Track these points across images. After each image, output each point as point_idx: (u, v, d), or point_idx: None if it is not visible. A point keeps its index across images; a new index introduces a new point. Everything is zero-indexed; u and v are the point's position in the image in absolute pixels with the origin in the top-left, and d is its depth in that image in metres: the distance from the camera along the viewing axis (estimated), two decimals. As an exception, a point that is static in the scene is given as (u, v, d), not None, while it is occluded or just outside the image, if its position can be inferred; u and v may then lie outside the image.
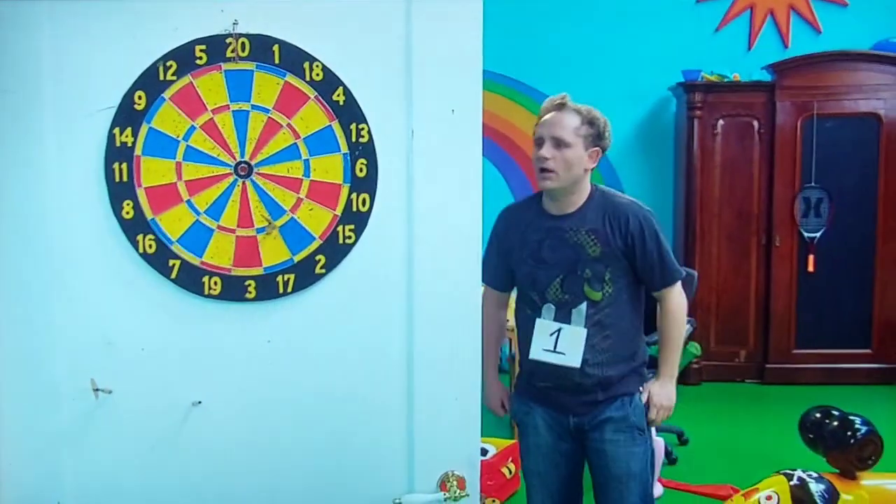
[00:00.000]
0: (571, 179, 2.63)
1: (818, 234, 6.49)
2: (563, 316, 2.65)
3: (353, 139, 1.85)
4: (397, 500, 1.87)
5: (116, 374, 1.86)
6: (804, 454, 3.16)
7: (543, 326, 2.66)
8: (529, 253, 2.69)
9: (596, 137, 2.65)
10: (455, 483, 1.89)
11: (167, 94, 1.82)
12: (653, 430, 4.64)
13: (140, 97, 1.81)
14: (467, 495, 1.88)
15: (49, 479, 1.88)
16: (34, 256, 1.82)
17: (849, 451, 3.27)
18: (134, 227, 1.84)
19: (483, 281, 2.98)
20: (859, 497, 3.23)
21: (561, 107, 2.61)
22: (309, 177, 1.86)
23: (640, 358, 2.89)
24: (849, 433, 3.39)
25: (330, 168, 1.85)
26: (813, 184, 6.46)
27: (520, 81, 7.13)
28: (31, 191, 1.81)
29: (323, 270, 1.88)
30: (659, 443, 4.61)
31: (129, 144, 1.82)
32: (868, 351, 6.53)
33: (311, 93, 1.84)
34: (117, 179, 1.82)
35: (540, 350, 2.65)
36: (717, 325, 6.67)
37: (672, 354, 2.89)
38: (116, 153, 1.82)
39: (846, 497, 3.30)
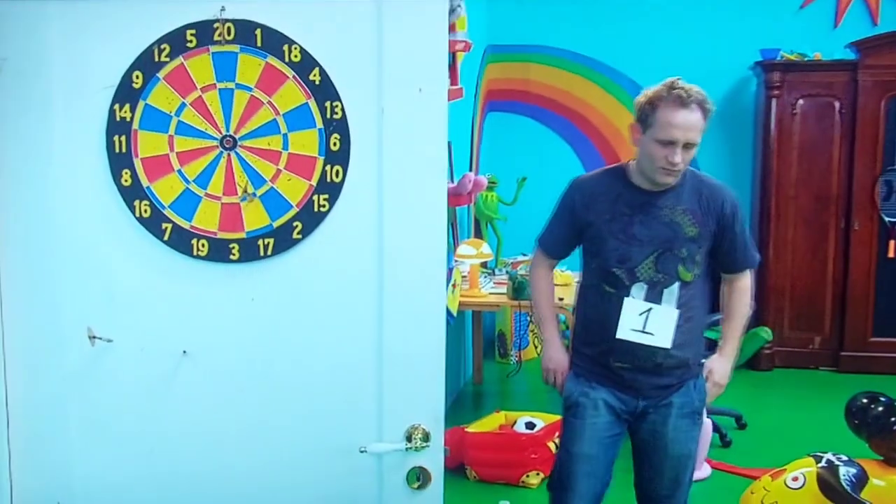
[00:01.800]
0: None
1: (901, 219, 6.31)
2: (655, 296, 2.68)
3: (328, 116, 1.99)
4: (363, 449, 2.01)
5: (117, 326, 2.06)
6: (860, 444, 3.13)
7: (633, 305, 2.68)
8: (621, 228, 2.72)
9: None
10: (420, 435, 2.02)
11: (161, 74, 2.00)
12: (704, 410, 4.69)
13: (137, 77, 2.00)
14: (428, 446, 2.01)
15: (56, 418, 2.10)
16: (41, 219, 2.03)
17: (890, 438, 3.23)
18: (131, 194, 2.03)
19: (541, 247, 2.99)
20: (892, 483, 3.20)
21: (688, 103, 2.62)
22: (287, 150, 2.01)
23: (704, 341, 2.90)
24: (893, 419, 3.35)
25: (306, 142, 2.00)
26: (895, 167, 6.30)
27: (598, 61, 7.18)
28: (39, 161, 2.01)
29: (300, 236, 2.03)
30: (707, 424, 4.63)
31: (128, 119, 2.01)
32: (948, 341, 6.32)
33: (290, 73, 1.99)
34: (117, 151, 2.02)
35: (628, 330, 2.67)
36: (791, 311, 6.60)
37: (737, 332, 2.90)
38: (116, 127, 2.01)
39: (878, 482, 3.27)
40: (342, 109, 1.99)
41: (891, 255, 6.31)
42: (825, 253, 6.52)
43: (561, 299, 4.21)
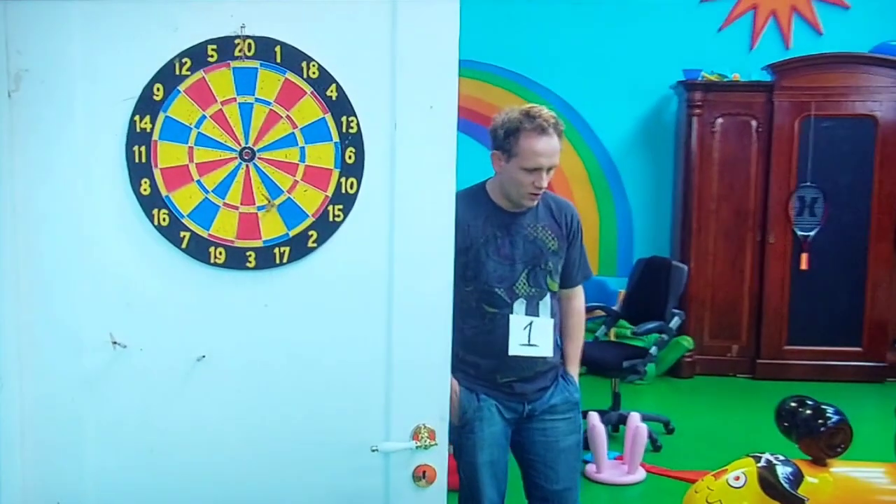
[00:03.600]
0: None
1: (812, 233, 6.70)
2: (533, 309, 2.86)
3: (344, 130, 2.09)
4: (374, 448, 2.10)
5: (133, 332, 2.11)
6: (787, 445, 3.35)
7: (518, 321, 2.85)
8: (495, 248, 2.87)
9: None
10: (426, 434, 2.13)
11: (182, 87, 2.07)
12: (636, 415, 4.88)
13: (158, 89, 2.06)
14: (436, 444, 2.12)
15: (72, 423, 2.13)
16: (61, 226, 2.07)
17: (819, 439, 3.45)
18: (150, 203, 2.09)
19: None
20: (824, 480, 3.42)
21: (548, 131, 2.75)
22: (304, 162, 2.10)
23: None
24: (820, 421, 3.58)
25: (323, 155, 2.10)
26: (808, 183, 6.67)
27: (525, 77, 7.35)
28: (60, 170, 2.05)
29: (315, 244, 2.12)
30: (642, 429, 4.85)
31: (148, 130, 2.07)
32: (858, 349, 6.74)
33: (308, 88, 2.08)
34: (137, 161, 2.07)
35: (517, 346, 2.83)
36: (710, 320, 6.90)
37: (579, 352, 3.07)
38: (136, 138, 2.07)
39: (811, 480, 3.50)
40: (357, 124, 2.09)
41: (803, 266, 6.67)
42: (743, 265, 6.85)
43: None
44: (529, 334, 2.81)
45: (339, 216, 2.11)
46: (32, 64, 2.03)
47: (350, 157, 2.10)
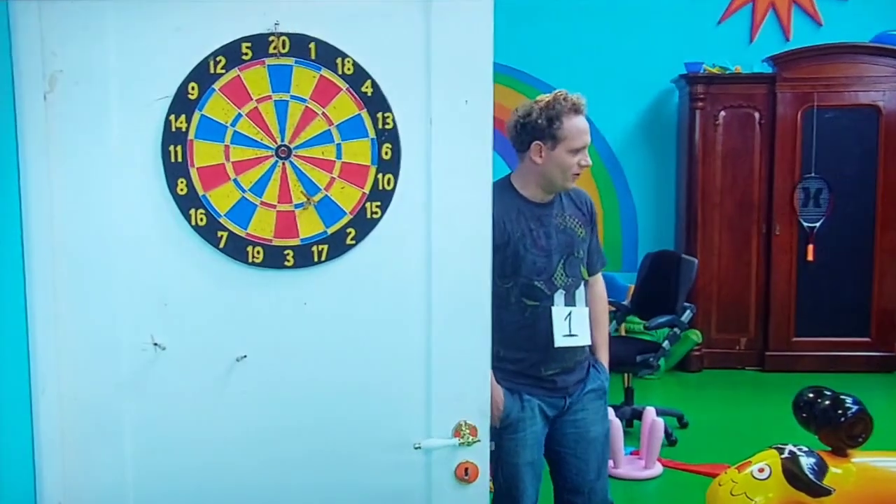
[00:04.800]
0: None
1: (818, 224, 6.71)
2: (570, 299, 2.87)
3: (380, 126, 2.08)
4: (418, 445, 2.09)
5: (170, 333, 2.10)
6: (801, 437, 3.35)
7: (559, 312, 2.85)
8: (532, 241, 2.88)
9: None
10: (468, 431, 2.12)
11: (217, 86, 2.05)
12: (652, 410, 4.88)
13: (193, 88, 2.05)
14: (479, 441, 2.12)
15: (109, 425, 2.11)
16: (98, 228, 2.05)
17: (839, 429, 3.45)
18: (187, 203, 2.07)
19: None
20: (847, 470, 3.43)
21: (581, 109, 2.81)
22: (341, 159, 2.09)
23: None
24: (839, 412, 3.58)
25: (359, 151, 2.09)
26: (813, 174, 6.68)
27: (524, 72, 7.33)
28: (96, 170, 2.03)
29: (353, 242, 2.11)
30: (658, 424, 4.85)
31: (184, 129, 2.05)
32: (866, 339, 6.75)
33: (343, 85, 2.07)
34: (173, 160, 2.06)
35: (561, 337, 2.84)
36: (717, 314, 6.90)
37: (607, 338, 3.09)
38: (172, 137, 2.05)
39: (835, 470, 3.50)
40: (393, 120, 2.08)
41: (810, 258, 6.68)
42: (749, 257, 6.86)
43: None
44: (570, 324, 2.81)
45: (376, 213, 2.10)
46: (67, 65, 2.01)
47: (386, 154, 2.09)
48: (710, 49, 7.10)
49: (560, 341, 2.82)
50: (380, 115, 2.08)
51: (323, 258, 2.11)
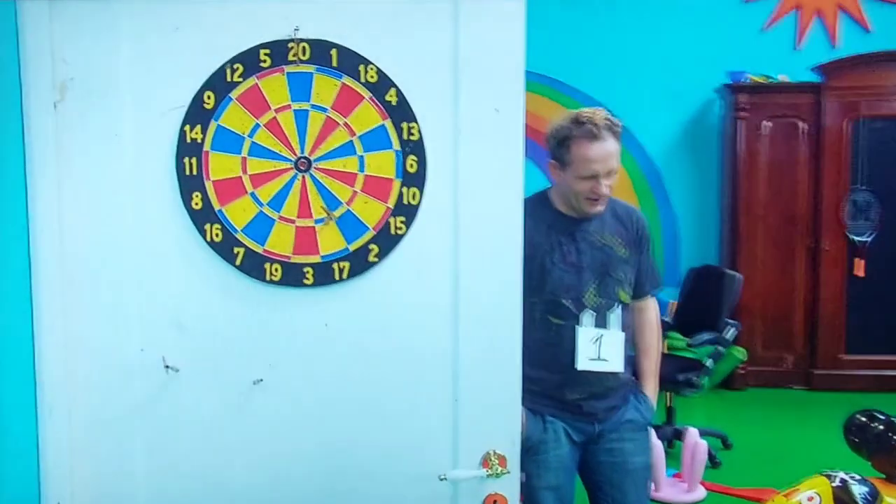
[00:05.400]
0: None
1: (868, 238, 6.47)
2: (601, 321, 2.71)
3: (405, 137, 1.97)
4: (443, 476, 1.97)
5: (184, 354, 2.00)
6: (851, 460, 3.19)
7: (586, 334, 2.69)
8: (561, 257, 2.73)
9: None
10: (496, 461, 1.99)
11: (234, 95, 1.96)
12: (695, 431, 4.73)
13: (209, 97, 1.95)
14: (508, 472, 1.99)
15: (122, 446, 2.02)
16: (110, 243, 1.97)
17: (894, 455, 3.28)
18: (202, 217, 1.98)
19: None
20: (903, 501, 3.25)
21: (599, 135, 2.64)
22: (363, 172, 1.98)
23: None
24: (894, 437, 3.41)
25: (383, 164, 1.98)
26: (861, 186, 6.45)
27: (563, 83, 7.19)
28: (108, 183, 1.95)
29: (376, 259, 2.00)
30: (701, 446, 4.68)
31: (199, 141, 1.96)
32: (921, 358, 6.47)
33: (366, 94, 1.96)
34: (187, 173, 1.96)
35: (586, 360, 2.67)
36: (763, 330, 6.68)
37: (656, 368, 2.93)
38: (187, 149, 1.96)
39: (889, 500, 3.33)
40: (419, 131, 1.97)
41: (859, 273, 6.45)
42: (794, 272, 6.64)
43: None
44: (599, 348, 2.66)
45: (401, 228, 1.99)
46: (78, 73, 1.93)
47: (412, 166, 1.98)
48: (753, 57, 6.92)
49: (584, 364, 2.67)
50: (405, 125, 1.97)
51: (344, 276, 2.00)
